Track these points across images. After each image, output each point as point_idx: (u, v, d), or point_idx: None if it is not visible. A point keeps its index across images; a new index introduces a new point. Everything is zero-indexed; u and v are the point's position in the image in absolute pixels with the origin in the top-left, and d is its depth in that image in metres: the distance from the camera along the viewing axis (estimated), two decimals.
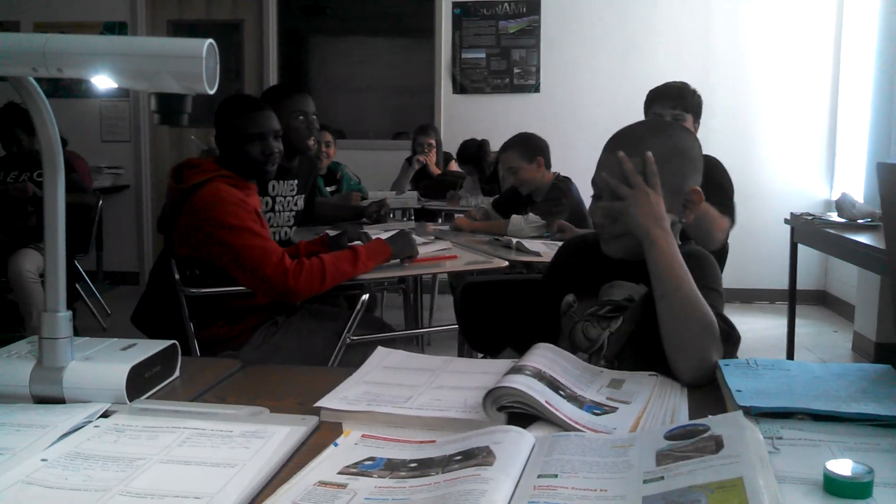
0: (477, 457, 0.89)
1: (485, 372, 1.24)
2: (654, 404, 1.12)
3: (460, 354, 3.12)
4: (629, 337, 1.49)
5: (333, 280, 2.34)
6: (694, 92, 2.97)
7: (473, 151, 5.34)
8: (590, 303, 1.56)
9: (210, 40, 1.02)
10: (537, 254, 2.87)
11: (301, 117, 3.26)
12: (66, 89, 6.41)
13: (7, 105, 4.50)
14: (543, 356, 1.21)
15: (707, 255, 1.54)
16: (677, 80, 3.07)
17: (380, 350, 1.40)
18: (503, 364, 1.23)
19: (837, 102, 5.92)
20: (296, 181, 3.37)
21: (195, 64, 1.01)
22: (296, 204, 3.39)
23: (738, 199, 3.00)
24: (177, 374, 1.32)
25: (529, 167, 3.50)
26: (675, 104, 2.93)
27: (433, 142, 5.56)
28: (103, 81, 1.04)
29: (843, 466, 0.83)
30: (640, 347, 1.45)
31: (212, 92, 1.03)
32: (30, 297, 4.17)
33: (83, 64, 1.02)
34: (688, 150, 1.53)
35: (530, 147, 3.53)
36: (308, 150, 3.33)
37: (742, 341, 1.43)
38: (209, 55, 1.02)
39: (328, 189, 4.68)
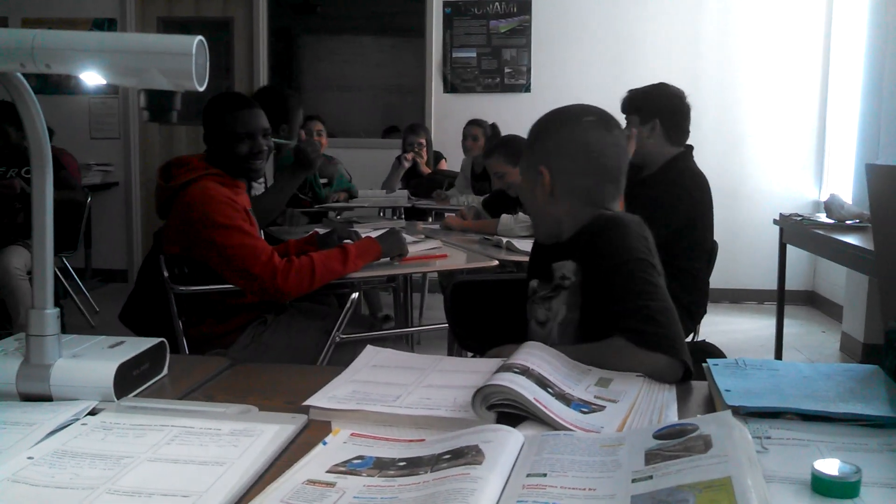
0: (466, 456, 0.89)
1: (474, 371, 1.24)
2: (642, 403, 1.12)
3: (450, 353, 3.13)
4: (578, 325, 1.50)
5: (323, 278, 2.33)
6: (638, 92, 2.92)
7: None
8: (546, 287, 1.59)
9: (199, 37, 1.01)
10: (527, 253, 2.86)
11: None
12: (55, 86, 6.37)
13: None
14: (532, 354, 1.21)
15: (617, 223, 1.49)
16: (666, 79, 3.04)
17: (369, 349, 1.40)
18: (492, 363, 1.23)
19: (826, 104, 5.95)
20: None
21: (185, 61, 1.00)
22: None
23: (726, 200, 2.97)
24: (165, 371, 1.31)
25: (515, 171, 3.49)
26: (622, 109, 2.94)
27: (423, 141, 5.55)
28: (92, 78, 1.03)
29: (830, 466, 0.83)
30: (588, 334, 1.45)
31: (201, 89, 1.02)
32: (17, 294, 4.15)
33: (72, 60, 1.02)
34: (553, 134, 1.58)
35: (514, 150, 3.51)
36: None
37: (731, 342, 1.44)
38: (199, 52, 1.01)
39: (322, 181, 4.68)
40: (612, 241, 1.45)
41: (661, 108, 2.89)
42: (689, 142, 3.00)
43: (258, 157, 2.48)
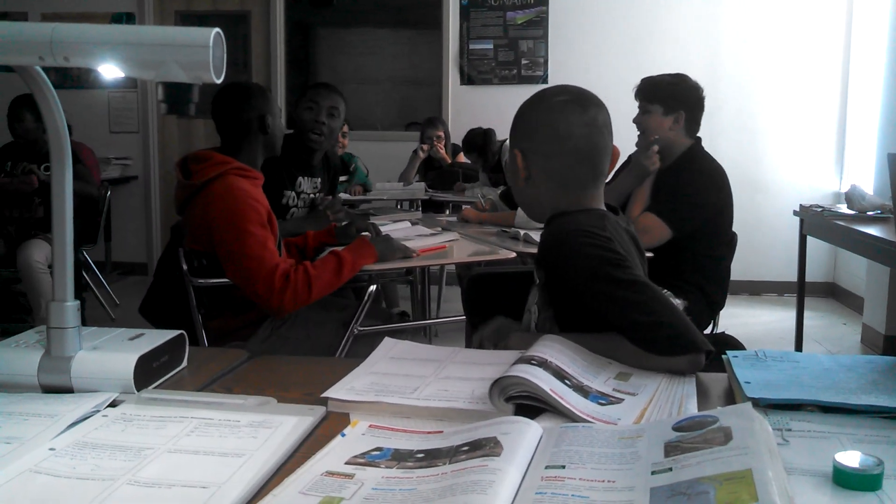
0: (484, 447, 0.89)
1: (492, 363, 1.24)
2: (661, 397, 1.12)
3: (468, 346, 3.13)
4: (555, 319, 1.48)
5: (320, 293, 2.32)
6: (662, 82, 2.92)
7: (479, 140, 5.32)
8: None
9: (217, 29, 1.01)
10: None
11: (311, 107, 3.24)
12: (74, 80, 6.42)
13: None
14: (551, 347, 1.21)
15: (566, 234, 1.43)
16: (685, 69, 3.04)
17: (387, 340, 1.40)
18: (511, 355, 1.23)
19: (847, 94, 5.89)
20: (319, 179, 3.37)
21: (202, 53, 1.00)
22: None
23: (746, 191, 2.98)
24: (184, 363, 1.32)
25: None
26: (640, 97, 2.95)
27: (441, 133, 5.55)
28: (110, 71, 1.03)
29: (852, 458, 0.82)
30: (567, 327, 1.43)
31: (218, 81, 1.02)
32: (39, 287, 4.18)
33: (89, 53, 1.02)
34: (524, 116, 1.56)
35: None
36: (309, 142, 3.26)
37: (751, 334, 1.42)
38: (216, 44, 1.01)
39: (340, 178, 4.68)
40: (568, 252, 1.40)
41: (686, 100, 2.91)
42: (709, 132, 3.01)
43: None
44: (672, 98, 2.90)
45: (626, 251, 1.41)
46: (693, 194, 2.81)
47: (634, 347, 1.25)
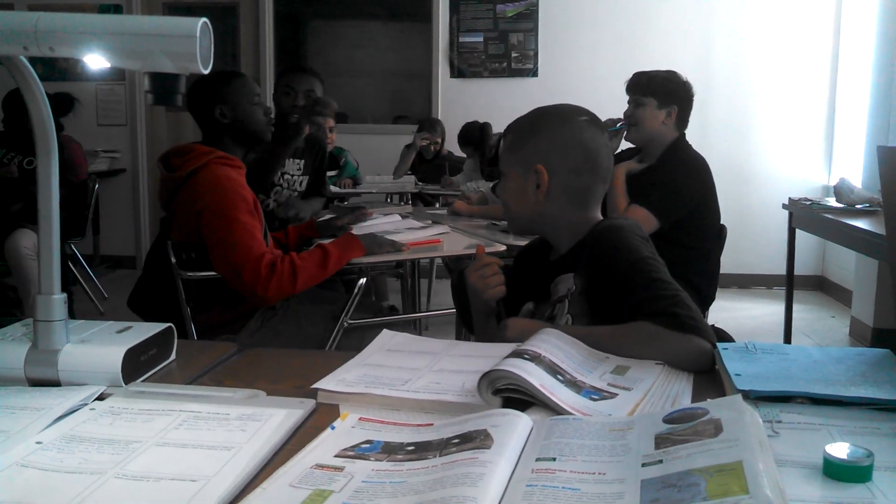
0: (475, 440, 0.89)
1: (487, 356, 1.23)
2: (656, 392, 1.11)
3: (458, 338, 3.13)
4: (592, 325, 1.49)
5: (305, 285, 2.32)
6: (657, 77, 2.96)
7: (476, 134, 5.33)
8: (546, 307, 1.58)
9: (204, 19, 1.00)
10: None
11: (288, 93, 3.30)
12: (62, 72, 6.37)
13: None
14: (546, 341, 1.20)
15: (616, 229, 1.51)
16: (676, 63, 3.07)
17: (385, 332, 1.39)
18: (507, 348, 1.22)
19: (836, 87, 5.91)
20: (302, 161, 3.36)
21: (189, 43, 0.99)
22: (301, 185, 3.38)
23: (735, 184, 3.01)
24: (173, 357, 1.31)
25: None
26: (634, 90, 2.99)
27: (439, 140, 5.58)
28: (96, 61, 1.02)
29: (842, 450, 0.82)
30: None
31: (206, 72, 1.01)
32: (27, 274, 4.15)
33: (75, 43, 1.00)
34: (549, 133, 1.58)
35: None
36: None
37: (740, 327, 1.43)
38: (203, 34, 1.00)
39: (330, 173, 4.67)
40: (617, 245, 1.47)
41: (679, 95, 2.95)
42: (699, 126, 3.04)
43: (270, 121, 2.57)
44: (667, 92, 2.93)
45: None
46: (677, 184, 2.85)
47: (650, 330, 1.27)
